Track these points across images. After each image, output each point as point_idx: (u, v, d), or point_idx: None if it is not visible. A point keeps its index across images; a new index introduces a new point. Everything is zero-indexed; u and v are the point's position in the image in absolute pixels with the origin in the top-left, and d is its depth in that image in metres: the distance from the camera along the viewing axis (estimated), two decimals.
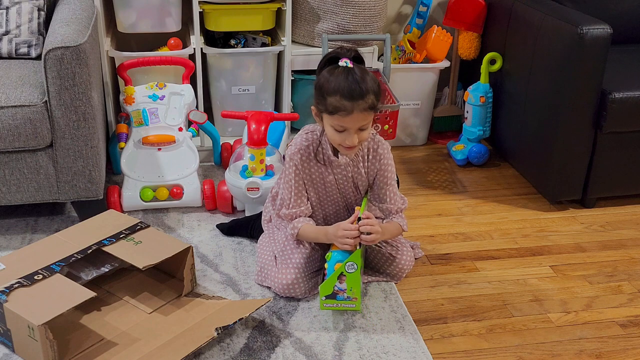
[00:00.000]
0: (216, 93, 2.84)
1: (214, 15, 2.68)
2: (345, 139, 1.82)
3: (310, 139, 1.95)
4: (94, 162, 2.14)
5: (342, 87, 1.75)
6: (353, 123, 1.79)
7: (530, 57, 2.53)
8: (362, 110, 1.77)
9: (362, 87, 1.75)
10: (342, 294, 1.85)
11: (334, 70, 1.79)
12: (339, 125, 1.80)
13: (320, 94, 1.80)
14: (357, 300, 1.86)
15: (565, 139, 2.40)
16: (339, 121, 1.79)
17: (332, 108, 1.77)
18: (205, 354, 1.76)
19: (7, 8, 2.33)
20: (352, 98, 1.75)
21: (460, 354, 1.82)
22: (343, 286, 1.83)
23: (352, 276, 1.82)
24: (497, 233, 2.39)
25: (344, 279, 1.82)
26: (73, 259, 1.83)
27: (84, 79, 2.03)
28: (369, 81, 1.78)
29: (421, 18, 3.03)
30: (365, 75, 1.78)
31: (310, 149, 1.94)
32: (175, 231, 2.31)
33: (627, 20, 2.78)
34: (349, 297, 1.86)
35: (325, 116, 1.82)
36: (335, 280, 1.83)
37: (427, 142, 3.11)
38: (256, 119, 2.31)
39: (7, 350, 1.74)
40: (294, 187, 1.96)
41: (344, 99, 1.75)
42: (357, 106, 1.76)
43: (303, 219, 1.97)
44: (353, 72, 1.77)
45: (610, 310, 2.01)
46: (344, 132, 1.81)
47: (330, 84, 1.77)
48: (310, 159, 1.95)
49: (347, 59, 1.79)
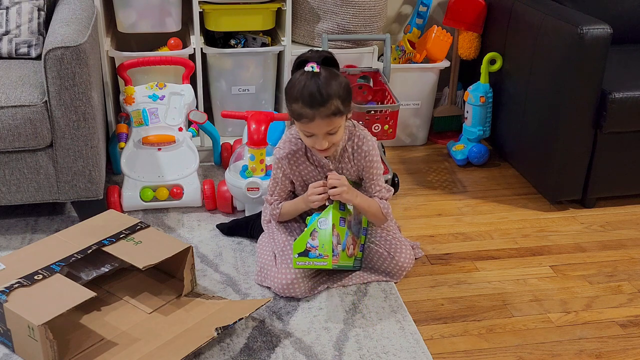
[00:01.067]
0: (216, 93, 2.84)
1: (214, 15, 2.68)
2: (314, 143, 1.83)
3: (300, 143, 1.97)
4: (94, 162, 2.14)
5: (304, 94, 1.74)
6: (317, 129, 1.79)
7: (530, 57, 2.53)
8: (324, 117, 1.76)
9: (324, 93, 1.74)
10: (314, 251, 1.85)
11: (300, 75, 1.78)
12: (305, 131, 1.82)
13: (287, 99, 1.81)
14: (328, 258, 1.86)
15: (565, 139, 2.41)
16: (304, 127, 1.80)
17: (296, 115, 1.78)
18: (205, 354, 1.76)
19: (7, 8, 2.33)
20: (313, 105, 1.74)
21: (460, 354, 1.82)
22: (315, 243, 1.84)
23: (324, 232, 1.83)
24: (497, 233, 2.39)
25: (316, 235, 1.84)
26: (73, 259, 1.83)
27: (84, 79, 2.03)
28: (333, 86, 1.75)
29: (421, 18, 3.03)
30: (330, 80, 1.76)
31: (299, 154, 1.97)
32: (175, 231, 2.31)
33: (627, 20, 2.78)
34: (321, 255, 1.86)
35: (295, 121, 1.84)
36: (308, 237, 1.84)
37: (427, 142, 3.11)
38: (256, 119, 2.31)
39: (7, 350, 1.74)
40: (279, 184, 2.03)
41: (305, 106, 1.75)
42: (319, 113, 1.75)
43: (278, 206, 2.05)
44: (317, 78, 1.75)
45: (610, 310, 2.01)
46: (312, 136, 1.82)
47: (294, 90, 1.77)
48: (300, 162, 1.98)
49: (314, 63, 1.77)
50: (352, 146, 1.98)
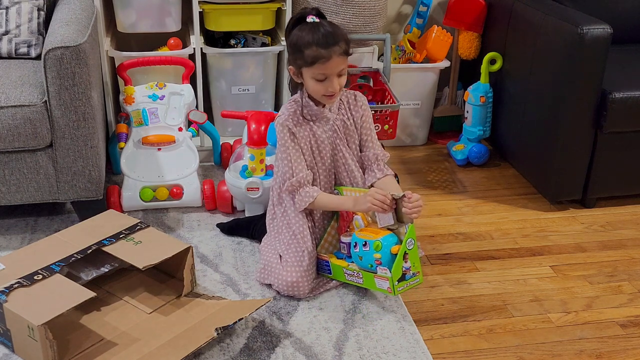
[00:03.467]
0: (216, 93, 2.84)
1: (214, 15, 2.68)
2: (327, 87, 1.92)
3: (294, 106, 2.03)
4: (94, 162, 2.14)
5: (316, 37, 1.88)
6: (332, 69, 1.90)
7: (530, 57, 2.53)
8: (338, 54, 1.89)
9: (335, 33, 1.90)
10: (409, 272, 1.88)
11: (304, 27, 1.91)
12: (319, 74, 1.91)
13: (297, 49, 1.91)
14: (419, 274, 1.90)
15: (565, 139, 2.40)
16: (319, 69, 1.90)
17: (311, 59, 1.89)
18: (205, 354, 1.76)
19: (6, 8, 2.33)
20: (327, 45, 1.88)
21: (460, 354, 1.82)
22: (407, 264, 1.87)
23: (413, 252, 1.87)
24: (497, 233, 2.39)
25: (406, 256, 1.86)
26: (73, 259, 1.83)
27: (84, 79, 2.03)
28: (337, 30, 1.92)
29: (421, 18, 3.03)
30: (332, 26, 1.92)
31: (298, 113, 2.02)
32: (175, 231, 2.31)
33: (627, 20, 2.78)
34: (414, 274, 1.89)
35: (305, 70, 1.93)
36: (402, 261, 1.85)
37: (427, 142, 3.11)
38: (256, 119, 2.31)
39: (7, 350, 1.74)
40: (292, 154, 2.01)
41: (320, 47, 1.88)
42: (334, 52, 1.88)
43: (314, 189, 2.00)
44: (322, 24, 1.91)
45: (611, 310, 2.01)
46: (324, 80, 1.92)
47: (305, 38, 1.89)
48: (300, 122, 2.02)
49: (313, 15, 1.92)
50: (346, 98, 2.08)
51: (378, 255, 1.88)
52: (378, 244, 1.89)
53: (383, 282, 1.86)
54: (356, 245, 1.94)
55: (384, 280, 1.86)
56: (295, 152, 2.01)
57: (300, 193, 2.00)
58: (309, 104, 2.01)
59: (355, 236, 1.96)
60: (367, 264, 1.91)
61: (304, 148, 2.02)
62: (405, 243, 1.85)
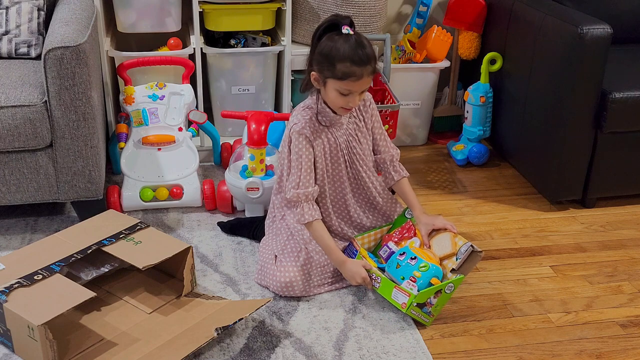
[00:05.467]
0: (216, 93, 2.84)
1: (214, 15, 2.68)
2: (348, 102, 1.91)
3: (309, 112, 1.99)
4: (94, 162, 2.14)
5: (351, 54, 1.83)
6: (360, 87, 1.88)
7: (530, 57, 2.53)
8: (368, 74, 1.87)
9: (368, 52, 1.86)
10: (429, 307, 1.86)
11: (337, 37, 1.86)
12: (345, 90, 1.88)
13: (328, 60, 1.86)
14: (433, 318, 1.90)
15: (565, 139, 2.40)
16: (348, 85, 1.87)
17: (342, 74, 1.85)
18: (205, 354, 1.76)
19: (6, 8, 2.33)
20: (362, 64, 1.84)
21: (460, 354, 1.82)
22: (434, 301, 1.86)
23: (446, 296, 1.87)
24: (497, 233, 2.39)
25: (438, 295, 1.85)
26: (73, 259, 1.83)
27: (84, 79, 2.03)
28: (369, 47, 1.87)
29: (421, 18, 3.03)
30: (366, 42, 1.88)
31: (313, 120, 1.99)
32: (175, 231, 2.31)
33: (627, 20, 2.78)
34: (430, 312, 1.88)
35: (331, 81, 1.88)
36: (432, 294, 1.84)
37: (427, 142, 3.11)
38: (256, 119, 2.31)
39: (7, 350, 1.74)
40: (304, 164, 1.97)
41: (354, 65, 1.83)
42: (365, 71, 1.85)
43: (316, 211, 1.97)
44: (358, 39, 1.86)
45: (611, 310, 2.01)
46: (348, 95, 1.89)
47: (339, 51, 1.84)
48: (316, 129, 1.99)
49: (347, 26, 1.87)
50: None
51: (418, 274, 1.88)
52: (426, 265, 1.89)
53: (402, 295, 1.85)
54: (403, 255, 1.95)
55: (405, 294, 1.85)
56: (308, 163, 1.97)
57: (303, 208, 1.96)
58: (324, 110, 1.98)
59: (407, 247, 1.97)
60: (399, 275, 1.92)
61: (318, 155, 2.00)
62: (447, 284, 1.85)
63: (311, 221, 1.96)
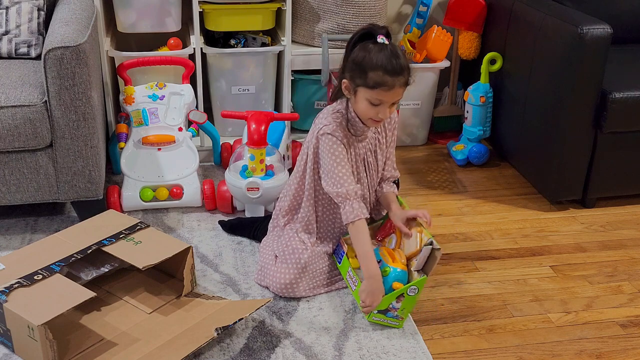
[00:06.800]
0: (216, 93, 2.84)
1: (214, 15, 2.68)
2: (378, 112, 1.87)
3: (340, 117, 1.95)
4: (94, 162, 2.14)
5: (385, 63, 1.80)
6: (391, 97, 1.85)
7: (530, 57, 2.53)
8: (400, 85, 1.84)
9: (402, 63, 1.83)
10: (393, 312, 1.86)
11: (371, 46, 1.83)
12: (376, 99, 1.84)
13: (361, 68, 1.83)
14: (402, 320, 1.88)
15: (565, 139, 2.40)
16: (379, 95, 1.83)
17: (374, 83, 1.82)
18: (205, 354, 1.76)
19: (6, 8, 2.33)
20: (395, 73, 1.81)
21: (460, 354, 1.82)
22: (398, 305, 1.85)
23: (410, 299, 1.84)
24: (497, 233, 2.39)
25: (401, 299, 1.84)
26: (73, 259, 1.83)
27: (84, 79, 2.03)
28: (404, 58, 1.85)
29: (421, 18, 3.03)
30: (400, 52, 1.85)
31: (343, 125, 1.96)
32: (175, 231, 2.31)
33: (627, 20, 2.78)
34: (397, 316, 1.87)
35: (363, 90, 1.85)
36: (394, 299, 1.83)
37: (427, 142, 3.11)
38: (256, 119, 2.31)
39: (7, 350, 1.74)
40: (342, 164, 1.91)
41: (386, 74, 1.80)
42: (398, 81, 1.82)
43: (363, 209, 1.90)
44: (393, 49, 1.83)
45: (611, 310, 2.01)
46: (378, 105, 1.86)
47: (372, 59, 1.81)
48: (346, 135, 1.96)
49: (383, 36, 1.85)
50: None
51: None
52: (387, 270, 1.87)
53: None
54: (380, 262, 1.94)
55: None
56: (347, 163, 1.92)
57: (353, 205, 1.89)
58: (354, 120, 1.93)
59: (377, 250, 1.96)
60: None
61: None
62: (409, 287, 1.83)
63: (357, 220, 1.89)
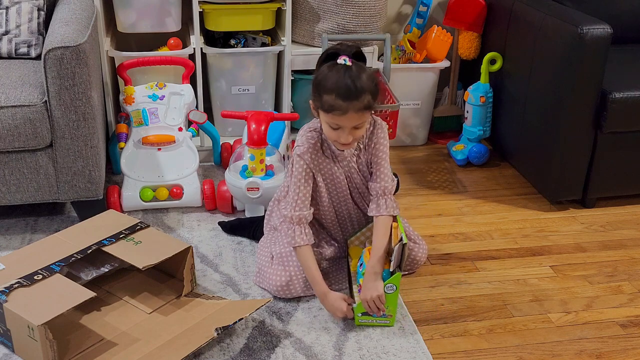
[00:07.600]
0: (216, 93, 2.84)
1: (214, 15, 2.68)
2: (339, 136, 1.81)
3: (316, 137, 1.93)
4: (94, 162, 2.14)
5: (338, 86, 1.74)
6: (347, 122, 1.78)
7: (530, 57, 2.53)
8: (357, 110, 1.76)
9: (358, 86, 1.74)
10: (379, 312, 1.85)
11: (332, 67, 1.77)
12: (333, 123, 1.80)
13: (317, 90, 1.79)
14: (392, 317, 1.87)
15: (565, 139, 2.40)
16: (334, 119, 1.78)
17: (328, 106, 1.76)
18: (205, 354, 1.76)
19: (6, 8, 2.33)
20: (348, 98, 1.74)
21: (460, 354, 1.82)
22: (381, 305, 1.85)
23: (391, 296, 1.84)
24: (497, 233, 2.39)
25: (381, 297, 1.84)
26: (73, 259, 1.83)
27: (84, 79, 2.03)
28: (365, 80, 1.76)
29: (421, 18, 3.03)
30: (362, 74, 1.76)
31: (318, 146, 1.93)
32: (175, 231, 2.31)
33: (627, 20, 2.78)
34: (384, 314, 1.86)
35: (321, 112, 1.82)
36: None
37: (427, 142, 3.11)
38: (256, 119, 2.31)
39: (7, 350, 1.74)
40: (301, 188, 1.92)
41: (339, 98, 1.74)
42: (352, 106, 1.75)
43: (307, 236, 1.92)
44: (350, 71, 1.75)
45: (611, 310, 2.01)
46: (338, 129, 1.81)
47: (327, 81, 1.76)
48: (319, 155, 1.94)
49: (347, 57, 1.78)
50: (367, 136, 1.95)
51: (362, 280, 1.89)
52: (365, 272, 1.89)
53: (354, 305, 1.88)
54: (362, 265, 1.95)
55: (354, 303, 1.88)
56: (305, 188, 1.92)
57: (295, 231, 1.91)
58: (328, 141, 1.91)
59: (363, 252, 1.97)
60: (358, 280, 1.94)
61: (319, 181, 1.96)
62: (386, 285, 1.82)
63: (300, 245, 1.91)
